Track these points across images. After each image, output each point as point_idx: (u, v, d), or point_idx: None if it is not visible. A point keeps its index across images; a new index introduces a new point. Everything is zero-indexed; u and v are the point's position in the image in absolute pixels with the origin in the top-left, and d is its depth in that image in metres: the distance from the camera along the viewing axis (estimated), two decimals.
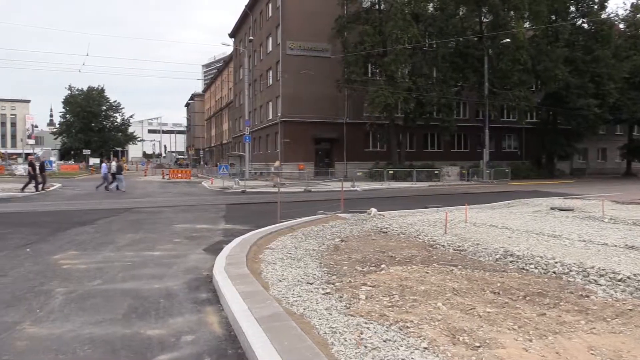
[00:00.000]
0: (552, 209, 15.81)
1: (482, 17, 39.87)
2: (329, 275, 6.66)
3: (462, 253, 8.24)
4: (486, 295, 5.55)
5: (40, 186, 24.94)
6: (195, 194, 26.10)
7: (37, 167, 25.26)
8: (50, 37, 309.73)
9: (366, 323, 4.59)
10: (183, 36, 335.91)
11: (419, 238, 9.76)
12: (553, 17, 41.14)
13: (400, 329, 4.42)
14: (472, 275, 6.50)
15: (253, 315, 4.75)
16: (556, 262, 7.11)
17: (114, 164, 28.08)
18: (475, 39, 38.41)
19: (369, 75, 39.83)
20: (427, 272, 6.63)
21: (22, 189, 24.12)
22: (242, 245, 8.75)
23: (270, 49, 45.91)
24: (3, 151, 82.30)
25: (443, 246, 8.83)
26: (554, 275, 6.64)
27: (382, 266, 7.05)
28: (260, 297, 5.41)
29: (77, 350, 4.32)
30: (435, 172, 36.96)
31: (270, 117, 45.92)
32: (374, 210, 13.93)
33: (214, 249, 9.00)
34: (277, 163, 35.92)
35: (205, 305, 5.66)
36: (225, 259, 7.51)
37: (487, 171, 37.34)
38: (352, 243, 9.23)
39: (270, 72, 45.95)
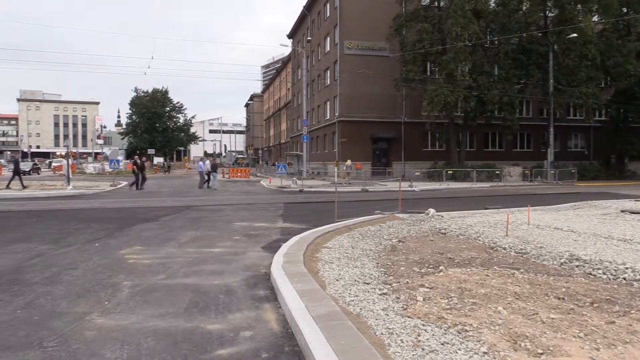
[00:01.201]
0: (622, 211, 15.01)
1: (547, 12, 38.33)
2: (386, 275, 6.61)
3: (524, 256, 7.97)
4: (550, 301, 5.34)
5: (135, 185, 26.47)
6: (253, 192, 26.56)
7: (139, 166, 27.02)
8: (119, 42, 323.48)
9: (423, 325, 4.53)
10: (242, 38, 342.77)
11: (479, 240, 9.52)
12: (624, 10, 39.04)
13: (459, 332, 4.33)
14: (535, 280, 6.28)
15: (310, 313, 4.78)
16: (627, 268, 6.75)
17: (208, 162, 29.46)
18: (540, 34, 37.07)
19: (428, 73, 39.19)
20: (488, 275, 6.45)
21: (131, 186, 26.39)
22: (299, 243, 8.82)
23: (328, 49, 46.07)
24: (75, 150, 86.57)
25: (504, 249, 8.57)
26: (624, 281, 6.31)
27: (441, 268, 6.93)
28: (317, 295, 5.43)
29: (142, 342, 4.49)
30: (496, 172, 35.93)
31: (328, 117, 46.08)
32: (432, 210, 13.71)
33: (272, 247, 9.13)
34: (348, 162, 36.27)
35: (263, 302, 5.75)
36: (283, 257, 7.60)
37: (552, 171, 35.92)
38: (410, 244, 9.13)
39: (328, 72, 46.10)
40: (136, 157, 30.46)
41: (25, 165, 44.71)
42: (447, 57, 34.77)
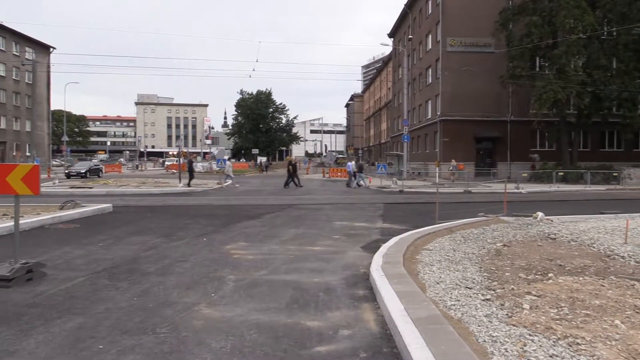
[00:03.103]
0: None
1: None
2: (490, 280, 6.35)
3: None
4: None
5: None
6: (353, 192, 26.69)
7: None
8: (224, 45, 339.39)
9: (530, 335, 4.29)
10: (343, 39, 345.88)
11: (593, 247, 8.86)
12: None
13: (570, 345, 4.05)
14: None
15: (409, 315, 4.71)
16: None
17: (354, 163, 31.64)
18: None
19: (536, 69, 37.21)
20: (603, 285, 5.98)
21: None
22: (399, 244, 8.73)
23: (430, 47, 45.21)
24: (185, 150, 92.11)
25: (622, 257, 7.90)
26: None
27: (550, 275, 6.53)
28: (417, 298, 5.34)
29: (245, 334, 4.67)
30: (614, 174, 33.22)
31: (429, 116, 45.24)
32: (540, 214, 12.97)
33: (372, 247, 9.12)
34: (453, 162, 35.65)
35: (362, 302, 5.76)
36: (382, 257, 7.56)
37: None
38: (516, 248, 8.70)
39: (430, 70, 45.24)
40: (291, 158, 33.31)
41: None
42: (558, 51, 32.76)
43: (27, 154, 55.13)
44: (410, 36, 50.12)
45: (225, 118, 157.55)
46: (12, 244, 6.71)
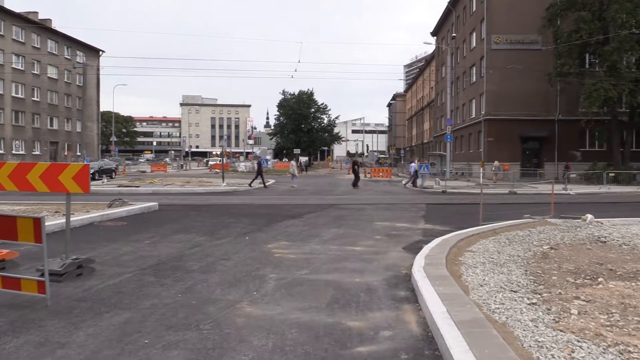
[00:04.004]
0: None
1: None
2: (536, 284, 6.18)
3: None
4: None
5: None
6: (395, 192, 26.50)
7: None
8: (267, 46, 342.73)
9: (578, 341, 4.15)
10: (384, 38, 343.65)
11: None
12: None
13: (621, 353, 3.89)
14: None
15: (452, 318, 4.63)
16: None
17: (416, 162, 32.07)
18: None
19: (586, 66, 35.96)
20: None
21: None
22: (441, 246, 8.61)
23: (474, 45, 44.36)
24: (228, 150, 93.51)
25: None
26: None
27: (599, 280, 6.31)
28: (460, 300, 5.25)
29: (286, 332, 4.70)
30: None
31: (473, 116, 44.43)
32: (590, 216, 12.53)
33: (413, 248, 9.03)
34: (496, 163, 34.98)
35: (404, 303, 5.70)
36: (424, 258, 7.47)
37: None
38: (563, 251, 8.44)
39: (474, 68, 44.41)
40: (357, 158, 34.30)
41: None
42: (609, 48, 31.55)
43: (78, 153, 57.24)
44: (453, 34, 49.33)
45: (267, 118, 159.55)
46: (63, 240, 6.96)
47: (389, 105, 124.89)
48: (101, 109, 69.18)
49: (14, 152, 49.89)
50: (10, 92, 50.23)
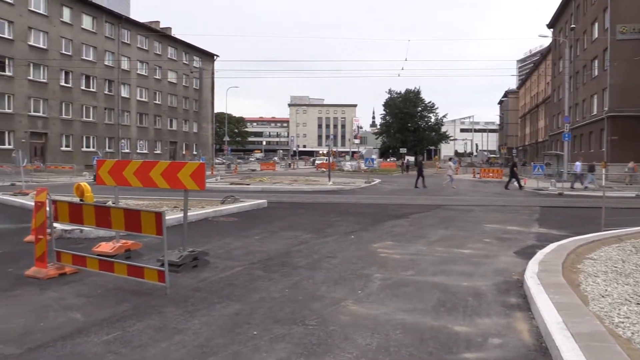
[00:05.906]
0: None
1: None
2: None
3: None
4: None
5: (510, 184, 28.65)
6: (505, 194, 25.33)
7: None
8: (373, 47, 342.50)
9: None
10: (496, 32, 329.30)
11: None
12: None
13: None
14: None
15: (569, 329, 4.32)
16: None
17: (580, 162, 30.51)
18: None
19: None
20: None
21: (506, 187, 28.71)
22: (557, 251, 8.07)
23: (596, 36, 41.24)
24: (334, 149, 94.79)
25: None
26: None
27: None
28: (578, 311, 4.89)
29: (390, 333, 4.66)
30: None
31: (595, 112, 41.32)
32: None
33: (526, 253, 8.56)
34: (630, 164, 32.15)
35: (515, 311, 5.42)
36: (538, 264, 7.05)
37: None
38: None
39: (596, 61, 41.29)
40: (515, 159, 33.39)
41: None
42: None
43: (194, 152, 60.95)
44: (572, 25, 46.16)
45: (373, 117, 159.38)
46: (181, 234, 7.44)
47: (500, 102, 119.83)
48: (215, 111, 73.20)
49: (138, 151, 54.31)
50: (135, 96, 54.90)
